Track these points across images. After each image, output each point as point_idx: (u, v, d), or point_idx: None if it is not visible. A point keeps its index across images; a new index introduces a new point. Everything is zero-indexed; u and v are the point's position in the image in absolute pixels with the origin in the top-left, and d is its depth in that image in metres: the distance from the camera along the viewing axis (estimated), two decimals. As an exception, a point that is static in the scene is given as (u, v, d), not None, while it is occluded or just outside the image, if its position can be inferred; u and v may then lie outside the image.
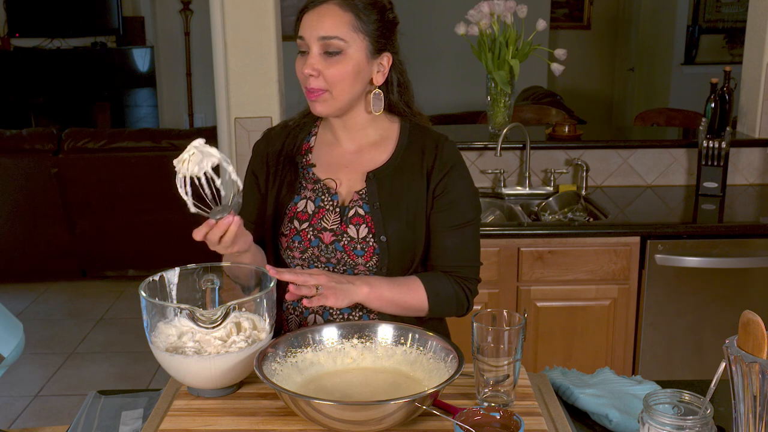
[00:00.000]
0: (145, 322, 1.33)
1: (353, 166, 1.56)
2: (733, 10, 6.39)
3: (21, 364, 3.46)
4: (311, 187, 1.56)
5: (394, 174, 1.54)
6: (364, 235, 1.51)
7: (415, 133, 1.58)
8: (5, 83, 6.73)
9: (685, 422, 1.05)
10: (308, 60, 1.45)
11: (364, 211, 1.52)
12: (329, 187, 1.55)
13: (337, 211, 1.53)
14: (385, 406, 1.16)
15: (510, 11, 2.86)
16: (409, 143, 1.57)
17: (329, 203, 1.54)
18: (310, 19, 1.46)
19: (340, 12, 1.45)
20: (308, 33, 1.46)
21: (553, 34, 6.61)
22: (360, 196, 1.53)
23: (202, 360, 1.28)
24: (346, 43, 1.45)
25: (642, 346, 2.65)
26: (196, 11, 6.99)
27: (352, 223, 1.52)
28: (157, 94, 7.14)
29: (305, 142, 1.61)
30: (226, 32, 2.90)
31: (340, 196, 1.55)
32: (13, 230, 4.32)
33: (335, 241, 1.51)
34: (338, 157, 1.58)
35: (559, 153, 3.05)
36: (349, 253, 1.52)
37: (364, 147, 1.57)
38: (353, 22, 1.46)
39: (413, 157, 1.55)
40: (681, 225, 2.66)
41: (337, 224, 1.52)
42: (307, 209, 1.55)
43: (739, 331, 1.06)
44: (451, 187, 1.54)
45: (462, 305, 1.56)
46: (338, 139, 1.58)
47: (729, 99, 2.81)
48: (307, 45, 1.46)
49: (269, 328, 1.35)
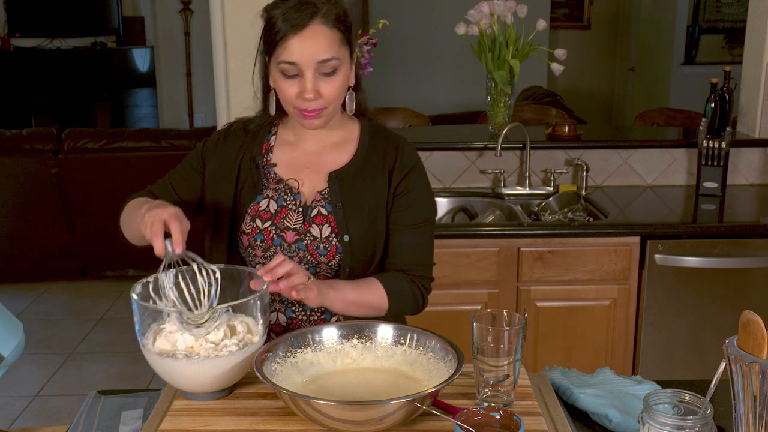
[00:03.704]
0: (137, 324, 1.31)
1: (315, 166, 1.58)
2: (733, 10, 6.39)
3: (21, 364, 3.46)
4: (273, 186, 1.57)
5: (355, 174, 1.56)
6: (327, 235, 1.53)
7: (375, 134, 1.61)
8: (5, 83, 6.73)
9: (685, 422, 1.05)
10: (305, 85, 1.44)
11: (326, 210, 1.54)
12: (291, 187, 1.56)
13: (300, 211, 1.55)
14: (385, 406, 1.16)
15: (510, 11, 2.86)
16: (370, 144, 1.59)
17: (292, 203, 1.55)
18: (301, 44, 1.43)
19: (327, 31, 1.44)
20: (302, 58, 1.43)
21: (553, 34, 6.61)
22: (323, 196, 1.55)
23: (191, 363, 1.26)
24: (339, 61, 1.46)
25: (642, 346, 2.65)
26: (196, 11, 7.00)
27: (315, 222, 1.53)
28: (157, 94, 7.15)
29: (265, 141, 1.62)
30: (226, 32, 2.90)
31: (303, 196, 1.56)
32: (13, 230, 4.32)
33: (298, 241, 1.53)
34: (299, 157, 1.59)
35: (559, 153, 3.05)
36: (312, 252, 1.53)
37: (326, 147, 1.59)
38: (340, 37, 1.46)
39: (374, 158, 1.57)
40: (681, 225, 2.66)
41: (300, 224, 1.54)
42: (270, 208, 1.56)
43: (739, 331, 1.06)
44: (410, 187, 1.57)
45: (417, 303, 1.60)
46: (300, 139, 1.60)
47: (729, 99, 2.81)
48: (298, 69, 1.44)
49: (263, 331, 1.34)
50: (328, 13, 1.44)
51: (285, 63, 1.44)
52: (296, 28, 1.42)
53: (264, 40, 1.49)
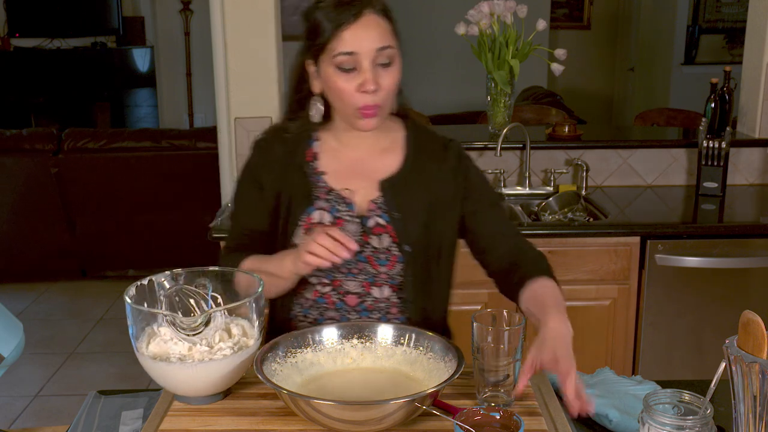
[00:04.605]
0: (131, 328, 1.30)
1: (364, 173, 1.52)
2: (733, 10, 6.39)
3: (21, 364, 3.46)
4: (324, 196, 1.51)
5: (407, 180, 1.52)
6: (386, 245, 1.49)
7: (420, 136, 1.57)
8: (5, 83, 6.73)
9: (685, 422, 1.05)
10: (365, 75, 1.39)
11: (384, 220, 1.49)
12: (344, 197, 1.51)
13: (357, 222, 1.50)
14: (385, 406, 1.16)
15: (510, 11, 2.86)
16: (417, 147, 1.55)
17: (347, 213, 1.50)
18: (357, 33, 1.39)
19: (380, 20, 1.42)
20: (361, 46, 1.39)
21: (553, 34, 6.61)
22: (377, 205, 1.50)
23: (185, 367, 1.26)
24: (394, 50, 1.43)
25: (642, 346, 2.65)
26: (196, 11, 6.99)
27: (374, 233, 1.49)
28: (157, 94, 7.14)
29: (308, 147, 1.55)
30: (226, 32, 2.90)
31: (356, 206, 1.51)
32: (13, 230, 4.32)
33: (358, 253, 1.47)
34: (347, 164, 1.53)
35: (559, 153, 3.05)
36: (371, 263, 1.50)
37: (373, 153, 1.54)
38: (392, 28, 1.44)
39: (424, 161, 1.54)
40: (681, 225, 2.66)
41: (359, 235, 1.49)
42: (324, 220, 1.50)
43: (739, 331, 1.06)
44: (471, 175, 1.56)
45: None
46: (345, 145, 1.54)
47: (729, 99, 2.81)
48: (356, 61, 1.40)
49: (258, 334, 1.33)
50: (375, 4, 1.42)
51: (342, 55, 1.39)
52: (350, 19, 1.39)
53: (311, 40, 1.44)
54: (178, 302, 1.29)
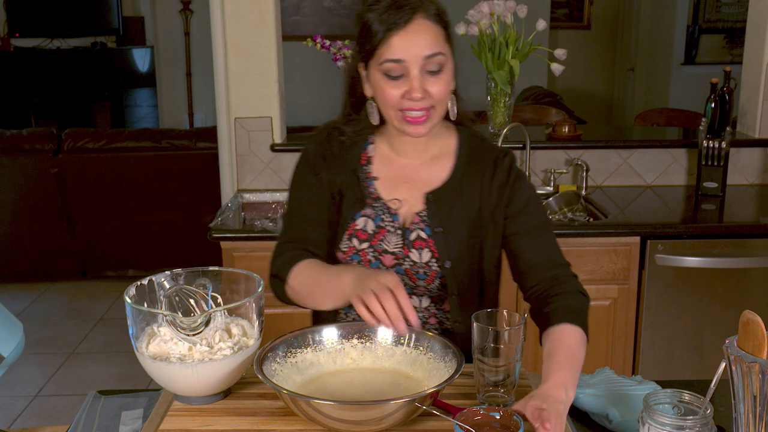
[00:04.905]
0: (131, 328, 1.30)
1: (412, 182, 1.49)
2: (733, 10, 6.39)
3: (21, 364, 3.46)
4: (371, 203, 1.49)
5: (453, 194, 1.48)
6: (427, 260, 1.46)
7: (474, 147, 1.52)
8: (5, 83, 6.73)
9: (685, 422, 1.05)
10: (412, 83, 1.36)
11: (426, 234, 1.46)
12: (389, 207, 1.48)
13: (399, 233, 1.47)
14: (385, 406, 1.16)
15: (510, 11, 2.86)
16: (468, 159, 1.50)
17: (390, 224, 1.48)
18: (406, 40, 1.35)
19: (431, 25, 1.38)
20: (408, 55, 1.35)
21: (553, 34, 6.61)
22: (421, 218, 1.47)
23: (185, 367, 1.26)
24: (445, 57, 1.39)
25: (642, 346, 2.65)
26: (196, 11, 6.99)
27: (415, 246, 1.47)
28: (157, 94, 7.14)
29: (363, 151, 1.52)
30: (226, 32, 2.90)
31: (401, 217, 1.48)
32: (13, 230, 4.32)
33: (397, 265, 1.46)
34: (397, 171, 1.50)
35: (559, 153, 3.05)
36: (410, 276, 1.48)
37: (425, 161, 1.50)
38: (444, 33, 1.40)
39: (472, 175, 1.49)
40: (681, 225, 2.66)
41: (399, 248, 1.47)
42: (367, 228, 1.48)
43: (739, 331, 1.06)
44: (519, 194, 1.48)
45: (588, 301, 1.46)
46: (397, 152, 1.51)
47: (729, 99, 2.81)
48: (403, 68, 1.37)
49: (258, 333, 1.33)
50: (428, 8, 1.38)
51: (389, 62, 1.37)
52: (399, 25, 1.35)
53: (361, 44, 1.41)
54: (178, 302, 1.29)
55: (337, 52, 2.94)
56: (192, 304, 1.29)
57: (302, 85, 6.18)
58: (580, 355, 1.33)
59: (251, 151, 3.00)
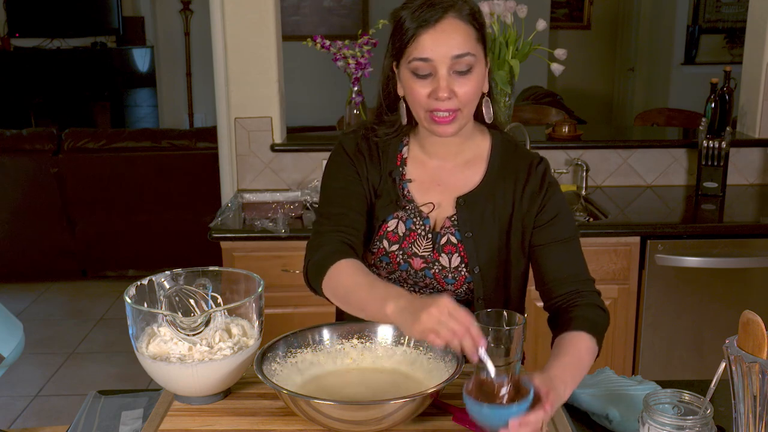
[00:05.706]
0: (131, 328, 1.30)
1: (445, 185, 1.48)
2: (733, 10, 6.39)
3: (21, 364, 3.46)
4: (404, 205, 1.48)
5: (484, 199, 1.47)
6: (456, 265, 1.46)
7: (507, 151, 1.50)
8: (5, 83, 6.73)
9: (685, 422, 1.06)
10: (439, 83, 1.35)
11: (456, 239, 1.45)
12: (421, 211, 1.47)
13: (429, 237, 1.47)
14: (385, 406, 1.16)
15: (510, 11, 2.86)
16: (501, 164, 1.48)
17: (421, 227, 1.47)
18: (434, 40, 1.34)
19: (463, 25, 1.36)
20: (436, 54, 1.34)
21: (553, 34, 6.61)
22: (452, 223, 1.46)
23: (185, 367, 1.26)
24: (475, 58, 1.37)
25: (642, 346, 2.65)
26: (196, 11, 6.99)
27: (444, 251, 1.46)
28: (157, 94, 7.14)
29: (398, 152, 1.51)
30: (226, 32, 2.90)
31: (432, 221, 1.48)
32: (13, 230, 4.32)
33: (425, 268, 1.46)
34: (430, 174, 1.49)
35: (559, 153, 3.05)
36: (439, 281, 1.47)
37: (458, 164, 1.49)
38: (475, 34, 1.38)
39: (504, 180, 1.47)
40: (681, 225, 2.66)
41: (428, 251, 1.46)
42: (398, 230, 1.47)
43: (739, 331, 1.06)
44: (551, 203, 1.47)
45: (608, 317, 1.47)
46: (429, 154, 1.50)
47: (729, 99, 2.81)
48: (432, 67, 1.35)
49: (258, 333, 1.33)
50: (461, 8, 1.36)
51: (417, 60, 1.35)
52: (429, 23, 1.34)
53: (393, 42, 1.40)
54: (178, 302, 1.29)
55: (337, 52, 2.94)
56: (192, 304, 1.29)
57: (302, 85, 6.18)
58: (587, 363, 1.33)
59: (251, 151, 3.00)
